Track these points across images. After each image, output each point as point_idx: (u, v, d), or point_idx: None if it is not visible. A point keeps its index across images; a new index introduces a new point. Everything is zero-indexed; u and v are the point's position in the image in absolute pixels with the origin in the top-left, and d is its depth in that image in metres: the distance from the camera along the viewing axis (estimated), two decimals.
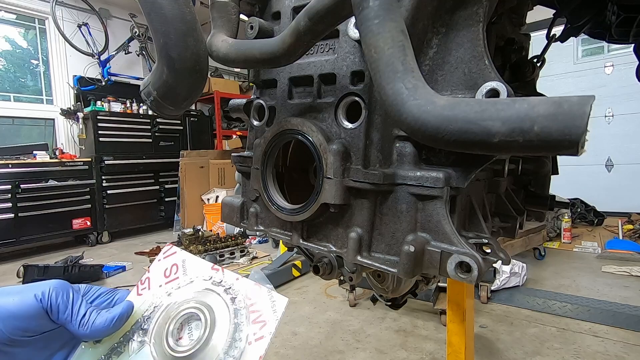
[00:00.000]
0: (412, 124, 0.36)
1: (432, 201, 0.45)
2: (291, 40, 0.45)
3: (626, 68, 5.14)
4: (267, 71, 0.61)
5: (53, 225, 4.44)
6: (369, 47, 0.38)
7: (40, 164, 4.39)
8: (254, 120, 0.64)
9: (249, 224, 0.62)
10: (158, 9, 0.45)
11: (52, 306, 0.44)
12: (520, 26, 0.83)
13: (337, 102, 0.52)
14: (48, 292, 0.44)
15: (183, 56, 0.47)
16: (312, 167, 0.66)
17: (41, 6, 5.12)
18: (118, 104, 5.31)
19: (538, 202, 0.84)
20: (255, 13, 0.63)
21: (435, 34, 0.48)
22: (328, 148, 0.48)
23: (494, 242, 0.51)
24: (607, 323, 2.37)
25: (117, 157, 5.00)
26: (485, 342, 2.23)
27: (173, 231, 5.38)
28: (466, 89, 0.45)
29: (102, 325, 0.45)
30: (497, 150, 0.34)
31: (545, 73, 1.36)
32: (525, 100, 0.32)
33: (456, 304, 1.26)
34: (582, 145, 0.29)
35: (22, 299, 0.43)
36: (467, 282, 0.42)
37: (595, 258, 3.70)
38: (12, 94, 5.07)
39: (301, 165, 0.65)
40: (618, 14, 0.95)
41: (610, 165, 5.46)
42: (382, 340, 2.27)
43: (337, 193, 0.48)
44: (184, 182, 5.32)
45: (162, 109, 0.53)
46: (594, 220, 4.93)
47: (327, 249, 0.53)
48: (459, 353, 1.28)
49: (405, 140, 0.48)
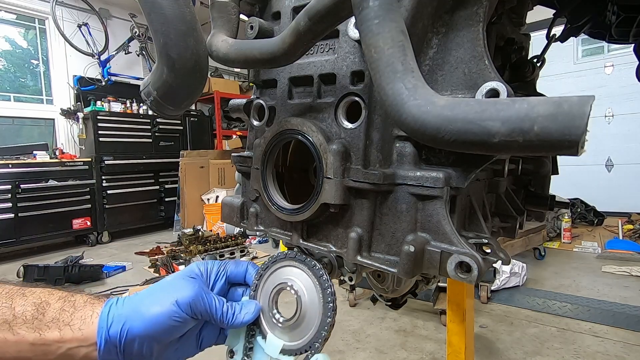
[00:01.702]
0: (412, 124, 0.36)
1: (432, 201, 0.45)
2: (291, 40, 0.45)
3: (626, 68, 5.14)
4: (267, 71, 0.61)
5: (53, 225, 4.44)
6: (369, 47, 0.38)
7: (40, 164, 4.39)
8: (254, 120, 0.64)
9: (249, 224, 0.62)
10: (158, 9, 0.45)
11: (195, 313, 0.50)
12: (520, 26, 0.83)
13: (337, 102, 0.51)
14: (187, 303, 0.50)
15: (183, 56, 0.47)
16: (312, 167, 0.66)
17: (41, 6, 5.12)
18: (118, 104, 5.31)
19: (538, 202, 0.84)
20: (255, 13, 0.63)
21: (435, 34, 0.48)
22: (328, 148, 0.48)
23: (494, 242, 0.51)
24: (607, 323, 2.37)
25: (117, 157, 5.00)
26: (485, 342, 2.23)
27: (173, 231, 5.38)
28: (466, 89, 0.45)
29: (239, 322, 0.54)
30: (497, 150, 0.34)
31: (545, 73, 1.36)
32: (525, 100, 0.32)
33: (456, 304, 1.26)
34: (582, 145, 0.29)
35: (162, 309, 0.49)
36: (467, 282, 0.42)
37: (595, 258, 3.70)
38: (12, 94, 5.07)
39: (301, 165, 0.65)
40: (618, 14, 0.95)
41: (610, 165, 5.46)
42: (382, 340, 2.27)
43: (337, 193, 0.48)
44: (184, 182, 5.32)
45: (162, 109, 0.53)
46: (594, 220, 4.93)
47: (327, 249, 0.53)
48: (459, 353, 1.28)
49: (405, 140, 0.48)
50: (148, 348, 0.49)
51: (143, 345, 0.48)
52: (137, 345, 0.48)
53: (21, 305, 0.46)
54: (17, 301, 0.46)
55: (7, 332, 0.44)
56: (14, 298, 0.46)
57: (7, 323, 0.44)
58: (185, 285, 0.51)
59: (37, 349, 0.45)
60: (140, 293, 0.51)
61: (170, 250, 3.91)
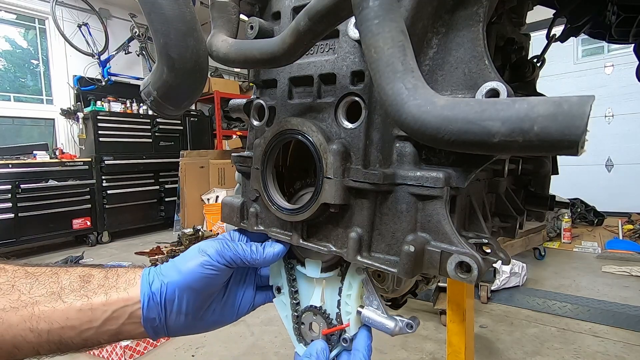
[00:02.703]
0: (412, 124, 0.36)
1: (432, 201, 0.45)
2: (291, 40, 0.45)
3: (626, 68, 5.14)
4: (267, 71, 0.61)
5: (53, 225, 4.44)
6: (369, 47, 0.38)
7: (40, 164, 4.39)
8: (254, 120, 0.64)
9: (249, 224, 0.62)
10: (158, 9, 0.45)
11: (225, 259, 0.54)
12: (520, 26, 0.82)
13: (337, 102, 0.51)
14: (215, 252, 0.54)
15: (183, 56, 0.47)
16: (312, 167, 0.66)
17: (41, 6, 5.12)
18: (118, 104, 5.31)
19: (538, 202, 0.84)
20: (255, 13, 0.63)
21: (435, 34, 0.48)
22: (328, 148, 0.48)
23: (494, 242, 0.51)
24: (607, 323, 2.37)
25: (117, 157, 5.00)
26: (485, 342, 2.23)
27: (173, 231, 5.38)
28: (466, 89, 0.45)
29: (270, 255, 0.57)
30: (497, 150, 0.34)
31: (545, 73, 1.36)
32: (525, 100, 0.32)
33: (456, 304, 1.26)
34: (582, 145, 0.29)
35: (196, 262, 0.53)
36: (467, 282, 0.42)
37: (595, 258, 3.70)
38: (12, 94, 5.07)
39: (301, 165, 0.65)
40: (618, 14, 0.95)
41: (610, 165, 5.46)
42: (382, 340, 2.27)
43: (337, 193, 0.48)
44: (184, 182, 5.32)
45: (162, 109, 0.53)
46: (594, 220, 4.93)
47: (327, 249, 0.53)
48: (459, 353, 1.28)
49: (405, 140, 0.48)
50: (187, 303, 0.52)
51: (182, 300, 0.52)
52: (177, 300, 0.51)
53: (67, 279, 0.49)
54: (63, 276, 0.49)
55: (55, 302, 0.46)
56: (59, 273, 0.50)
57: (55, 294, 0.47)
58: (211, 243, 0.56)
59: (83, 316, 0.47)
60: (174, 258, 0.55)
61: (171, 250, 3.91)
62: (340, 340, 0.55)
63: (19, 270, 0.48)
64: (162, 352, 2.26)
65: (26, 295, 0.46)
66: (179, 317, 0.52)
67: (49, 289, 0.47)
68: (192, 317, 0.54)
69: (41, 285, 0.47)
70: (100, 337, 0.49)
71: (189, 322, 0.54)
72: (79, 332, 0.47)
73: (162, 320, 0.51)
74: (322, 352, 0.52)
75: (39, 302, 0.46)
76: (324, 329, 0.56)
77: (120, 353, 2.12)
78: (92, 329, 0.48)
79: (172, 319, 0.52)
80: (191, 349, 2.27)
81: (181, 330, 0.54)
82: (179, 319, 0.52)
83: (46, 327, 0.45)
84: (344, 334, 0.55)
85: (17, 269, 0.48)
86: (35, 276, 0.48)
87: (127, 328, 0.50)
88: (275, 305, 0.63)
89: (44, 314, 0.45)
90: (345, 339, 0.55)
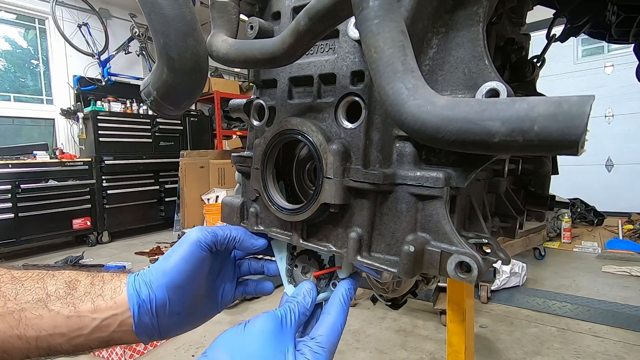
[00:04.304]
0: (412, 124, 0.36)
1: (432, 201, 0.45)
2: (291, 40, 0.45)
3: (626, 68, 5.14)
4: (267, 71, 0.61)
5: (53, 225, 4.44)
6: (369, 47, 0.38)
7: (40, 164, 4.39)
8: (254, 120, 0.64)
9: (249, 224, 0.62)
10: (158, 9, 0.45)
11: (205, 243, 0.54)
12: (520, 26, 0.82)
13: (337, 102, 0.51)
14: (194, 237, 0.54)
15: (183, 56, 0.47)
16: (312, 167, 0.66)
17: (41, 6, 5.12)
18: (118, 104, 5.31)
19: (538, 202, 0.84)
20: (255, 13, 0.63)
21: (435, 34, 0.48)
22: (328, 148, 0.48)
23: (494, 242, 0.51)
24: (607, 323, 2.37)
25: (117, 157, 5.00)
26: (485, 342, 2.23)
27: (173, 231, 5.38)
28: (466, 89, 0.45)
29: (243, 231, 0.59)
30: (497, 150, 0.34)
31: (545, 73, 1.36)
32: (525, 100, 0.32)
33: (456, 304, 1.26)
34: (582, 145, 0.29)
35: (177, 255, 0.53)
36: (467, 282, 0.42)
37: (595, 258, 3.70)
38: (12, 94, 5.07)
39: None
40: (618, 14, 0.95)
41: (610, 165, 5.46)
42: (382, 340, 2.28)
43: (337, 193, 0.48)
44: (184, 182, 5.32)
45: (162, 109, 0.53)
46: (594, 220, 4.93)
47: (327, 248, 0.53)
48: (459, 353, 1.28)
49: (405, 140, 0.48)
50: (177, 302, 0.52)
51: (173, 301, 0.52)
52: (168, 302, 0.51)
53: (53, 285, 0.48)
54: (48, 281, 0.48)
55: (42, 309, 0.46)
56: (45, 279, 0.49)
57: (41, 301, 0.46)
58: (189, 234, 0.56)
59: (72, 323, 0.47)
60: (154, 264, 0.55)
61: None
62: (330, 284, 0.56)
63: (5, 275, 0.47)
64: (162, 352, 2.26)
65: (12, 302, 0.45)
66: (171, 317, 0.52)
67: (35, 295, 0.47)
68: (185, 314, 0.54)
69: (27, 291, 0.46)
70: (91, 344, 0.49)
71: (181, 320, 0.54)
72: (69, 339, 0.47)
73: (155, 325, 0.51)
74: (309, 293, 0.53)
75: (25, 309, 0.45)
76: (315, 272, 0.57)
77: (121, 353, 2.12)
78: (82, 336, 0.47)
79: (165, 321, 0.52)
80: (191, 348, 2.27)
81: (174, 330, 0.54)
82: (172, 319, 0.53)
83: (34, 334, 0.45)
84: (334, 278, 0.56)
85: (4, 273, 0.48)
86: (21, 281, 0.47)
87: (118, 335, 0.50)
88: (272, 246, 0.64)
89: (30, 321, 0.45)
90: (334, 284, 0.55)
